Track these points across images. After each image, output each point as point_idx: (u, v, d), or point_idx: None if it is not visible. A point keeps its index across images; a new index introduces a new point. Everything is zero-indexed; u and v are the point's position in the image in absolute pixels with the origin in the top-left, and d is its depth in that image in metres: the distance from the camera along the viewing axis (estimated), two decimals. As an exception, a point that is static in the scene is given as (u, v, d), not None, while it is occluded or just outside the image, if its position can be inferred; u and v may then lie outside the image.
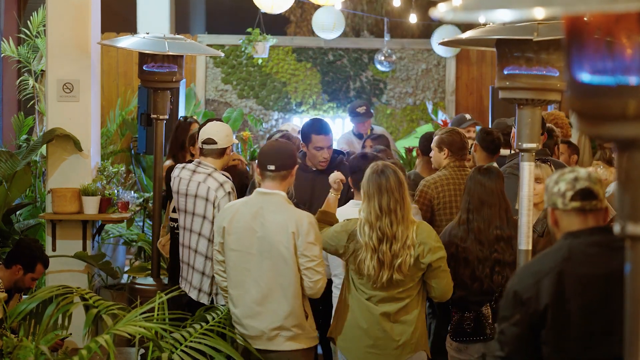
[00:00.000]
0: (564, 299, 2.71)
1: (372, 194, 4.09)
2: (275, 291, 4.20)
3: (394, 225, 4.07)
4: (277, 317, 4.21)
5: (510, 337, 2.76)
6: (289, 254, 4.15)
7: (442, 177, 5.40)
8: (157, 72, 6.17)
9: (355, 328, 4.24)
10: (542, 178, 4.59)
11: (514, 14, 1.49)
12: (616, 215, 1.63)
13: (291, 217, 4.16)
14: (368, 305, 4.20)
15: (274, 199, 4.23)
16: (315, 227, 4.19)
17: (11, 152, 6.95)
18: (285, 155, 4.31)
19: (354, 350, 4.26)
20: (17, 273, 5.38)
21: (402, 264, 4.09)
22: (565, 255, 2.75)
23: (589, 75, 1.55)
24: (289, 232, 4.14)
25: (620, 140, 1.56)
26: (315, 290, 4.20)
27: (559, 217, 2.80)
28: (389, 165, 4.18)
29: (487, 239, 4.38)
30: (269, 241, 4.18)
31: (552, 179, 2.85)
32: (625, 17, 1.49)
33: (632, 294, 1.60)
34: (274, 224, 4.18)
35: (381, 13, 11.35)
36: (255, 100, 10.75)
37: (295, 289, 4.18)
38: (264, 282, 4.21)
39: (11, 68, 8.96)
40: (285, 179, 4.27)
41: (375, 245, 4.07)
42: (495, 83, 3.63)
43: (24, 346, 4.05)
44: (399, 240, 4.08)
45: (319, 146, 5.33)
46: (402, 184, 4.12)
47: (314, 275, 4.17)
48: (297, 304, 4.19)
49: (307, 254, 4.15)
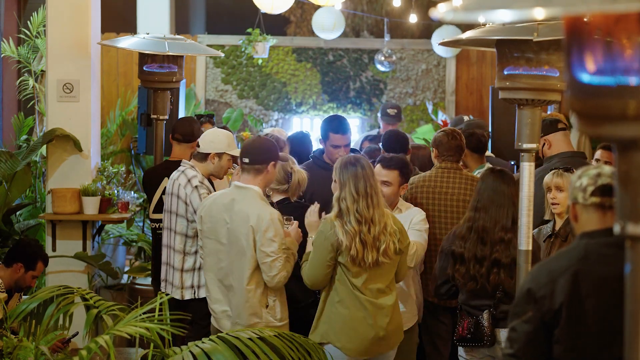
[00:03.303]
0: (579, 299, 2.71)
1: (346, 180, 4.23)
2: (236, 280, 4.39)
3: (370, 208, 4.20)
4: (235, 304, 4.39)
5: (521, 334, 2.76)
6: (248, 247, 4.32)
7: (420, 179, 5.35)
8: (157, 73, 6.18)
9: (353, 324, 4.27)
10: (564, 187, 4.56)
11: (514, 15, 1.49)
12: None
13: (254, 212, 4.31)
14: (364, 299, 4.25)
15: (247, 192, 4.39)
16: (277, 224, 4.31)
17: (11, 153, 6.95)
18: (260, 150, 4.44)
19: (357, 347, 4.29)
20: (18, 271, 5.39)
21: (387, 249, 4.23)
22: (581, 254, 2.75)
23: (589, 76, 1.55)
24: (248, 226, 4.30)
25: (620, 140, 1.56)
26: (273, 284, 4.35)
27: (579, 212, 2.80)
28: (361, 157, 4.37)
29: (490, 238, 4.38)
30: (234, 233, 4.37)
31: (576, 174, 2.85)
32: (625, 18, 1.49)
33: (632, 293, 1.60)
34: (239, 216, 4.35)
35: (381, 13, 11.35)
36: (255, 101, 10.75)
37: (252, 280, 4.34)
38: (229, 270, 4.41)
39: (11, 68, 8.96)
40: (260, 173, 4.41)
41: (355, 228, 4.18)
42: (495, 83, 3.63)
43: (24, 346, 4.05)
44: (376, 224, 4.21)
45: (336, 144, 5.37)
46: (373, 174, 4.31)
47: (270, 270, 4.31)
48: (252, 294, 4.35)
49: (264, 250, 4.30)
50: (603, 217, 2.76)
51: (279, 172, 4.74)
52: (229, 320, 4.45)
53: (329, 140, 5.39)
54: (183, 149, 5.69)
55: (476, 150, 5.87)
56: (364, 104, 10.80)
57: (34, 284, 5.62)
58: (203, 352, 3.53)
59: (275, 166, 4.48)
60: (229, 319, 4.46)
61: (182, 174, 5.13)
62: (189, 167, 5.15)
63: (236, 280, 4.40)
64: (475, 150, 5.87)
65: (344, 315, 4.28)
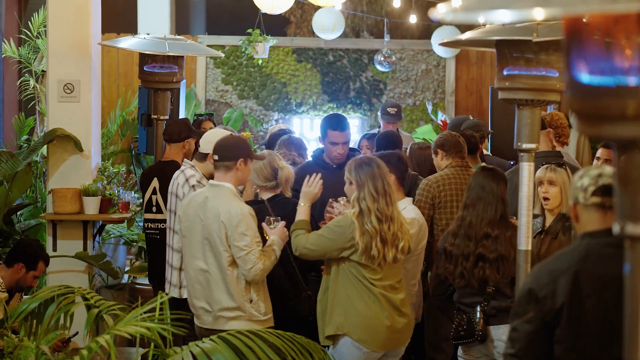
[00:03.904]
0: (580, 298, 2.71)
1: (365, 181, 4.30)
2: (214, 276, 4.43)
3: (389, 206, 4.30)
4: (216, 299, 4.43)
5: (522, 334, 2.76)
6: (221, 243, 4.37)
7: (443, 176, 5.42)
8: (158, 73, 6.19)
9: (370, 318, 4.32)
10: (556, 182, 4.58)
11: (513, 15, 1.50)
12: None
13: (225, 208, 4.37)
14: (380, 294, 4.33)
15: (220, 190, 4.45)
16: (248, 218, 4.35)
17: (12, 153, 6.95)
18: (228, 147, 4.50)
19: (374, 339, 4.34)
20: (19, 271, 5.39)
21: (404, 247, 4.34)
22: (582, 255, 2.76)
23: (589, 76, 1.56)
24: (219, 221, 4.35)
25: (619, 140, 1.57)
26: (250, 277, 4.37)
27: (580, 212, 2.80)
28: (373, 157, 4.47)
29: (475, 234, 4.41)
30: (208, 229, 4.41)
31: (578, 174, 2.86)
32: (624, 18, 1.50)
33: (631, 293, 1.61)
34: (212, 212, 4.40)
35: (381, 14, 11.36)
36: (255, 101, 10.75)
37: (229, 275, 4.39)
38: (207, 267, 4.45)
39: (12, 69, 8.97)
40: (229, 170, 4.46)
41: (377, 227, 4.25)
42: (495, 83, 3.63)
43: (25, 346, 4.05)
44: (395, 221, 4.31)
45: (334, 141, 5.42)
46: (387, 173, 4.40)
47: (245, 264, 4.34)
48: (233, 288, 4.39)
49: (237, 244, 4.34)
50: (604, 217, 2.77)
51: (266, 169, 4.76)
52: (210, 316, 4.47)
53: (327, 138, 5.43)
54: (172, 149, 5.73)
55: (468, 151, 5.93)
56: (364, 104, 10.80)
57: (35, 284, 5.63)
58: (203, 351, 3.53)
59: (246, 163, 4.49)
60: (209, 315, 4.48)
61: (181, 174, 5.15)
62: (189, 167, 5.17)
63: (215, 276, 4.43)
64: (468, 151, 5.93)
65: (361, 309, 4.33)
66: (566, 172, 4.66)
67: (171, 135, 5.74)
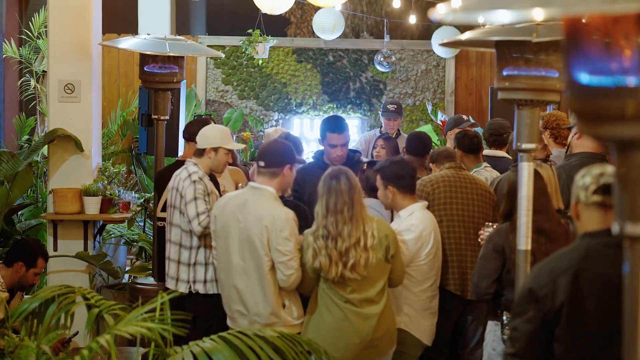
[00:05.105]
0: (580, 298, 2.72)
1: (322, 194, 4.29)
2: (251, 280, 4.40)
3: (339, 224, 4.23)
4: (253, 303, 4.40)
5: (522, 333, 2.77)
6: (262, 246, 4.34)
7: (437, 176, 5.42)
8: (158, 73, 6.20)
9: (339, 332, 4.30)
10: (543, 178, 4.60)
11: (513, 15, 1.50)
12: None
13: (269, 212, 4.34)
14: (348, 309, 4.30)
15: (262, 193, 4.42)
16: (292, 224, 4.33)
17: (13, 153, 6.96)
18: (275, 154, 4.49)
19: (342, 355, 4.31)
20: (20, 270, 5.41)
21: (356, 264, 4.23)
22: (582, 254, 2.76)
23: (588, 76, 1.56)
24: (262, 225, 4.32)
25: (619, 140, 1.57)
26: (287, 283, 4.36)
27: (581, 211, 2.81)
28: (345, 171, 4.36)
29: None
30: (247, 232, 4.38)
31: (580, 172, 2.86)
32: (623, 18, 1.50)
33: (630, 293, 1.61)
34: (253, 216, 4.38)
35: (381, 14, 11.36)
36: (255, 101, 10.75)
37: (268, 280, 4.35)
38: (243, 270, 4.42)
39: (13, 69, 8.97)
40: (275, 176, 4.45)
41: (322, 243, 4.24)
42: (495, 84, 3.64)
43: (26, 346, 4.06)
44: (345, 240, 4.23)
45: (332, 143, 5.44)
46: (353, 188, 4.28)
47: (286, 269, 4.32)
48: (270, 293, 4.36)
49: (280, 249, 4.32)
50: (604, 217, 2.77)
51: None
52: (246, 319, 4.45)
53: (326, 140, 5.46)
54: (189, 147, 5.74)
55: (469, 150, 5.94)
56: (364, 105, 10.80)
57: (37, 280, 5.64)
58: (203, 351, 3.54)
59: (291, 169, 4.52)
60: (245, 318, 4.46)
61: (184, 169, 5.17)
62: (191, 164, 5.19)
63: (252, 280, 4.40)
64: (469, 151, 5.94)
65: (329, 323, 4.32)
66: (550, 169, 4.69)
67: (191, 135, 5.75)
